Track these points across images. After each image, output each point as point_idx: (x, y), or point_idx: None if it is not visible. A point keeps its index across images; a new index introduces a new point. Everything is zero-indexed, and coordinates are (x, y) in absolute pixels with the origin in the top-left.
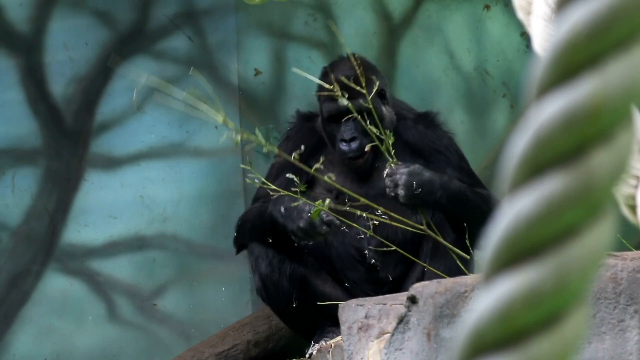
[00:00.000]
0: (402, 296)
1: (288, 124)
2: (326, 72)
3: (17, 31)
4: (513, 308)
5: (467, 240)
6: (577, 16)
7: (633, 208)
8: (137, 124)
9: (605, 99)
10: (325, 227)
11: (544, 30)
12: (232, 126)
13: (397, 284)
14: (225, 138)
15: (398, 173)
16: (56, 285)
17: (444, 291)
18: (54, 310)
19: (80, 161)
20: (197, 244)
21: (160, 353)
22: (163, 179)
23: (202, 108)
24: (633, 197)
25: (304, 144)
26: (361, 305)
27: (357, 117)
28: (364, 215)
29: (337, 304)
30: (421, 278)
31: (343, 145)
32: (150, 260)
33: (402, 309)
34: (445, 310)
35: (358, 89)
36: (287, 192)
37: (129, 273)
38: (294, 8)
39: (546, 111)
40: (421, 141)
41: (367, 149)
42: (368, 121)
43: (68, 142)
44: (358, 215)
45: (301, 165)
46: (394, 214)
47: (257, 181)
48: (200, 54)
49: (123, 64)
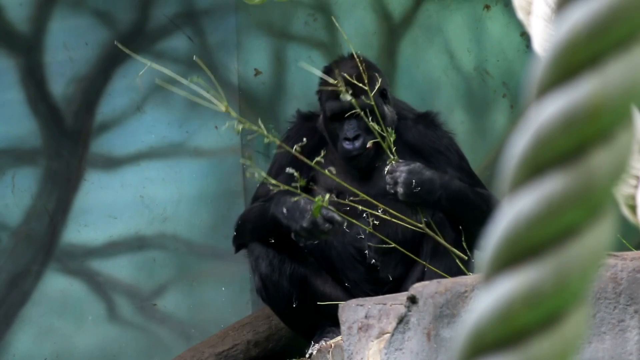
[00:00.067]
0: (402, 296)
1: (288, 124)
2: (329, 70)
3: (17, 31)
4: (513, 308)
5: (467, 240)
6: (577, 16)
7: (633, 208)
8: (137, 124)
9: (605, 99)
10: (327, 225)
11: (544, 30)
12: (235, 115)
13: (397, 284)
14: (227, 126)
15: (398, 170)
16: (56, 285)
17: (444, 291)
18: (54, 310)
19: (80, 161)
20: (197, 244)
21: (160, 353)
22: (163, 179)
23: (205, 96)
24: (633, 197)
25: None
26: (361, 305)
27: (361, 114)
28: (365, 214)
29: (337, 304)
30: (421, 278)
31: (346, 143)
32: (150, 260)
33: (402, 309)
34: (445, 310)
35: (361, 86)
36: (288, 187)
37: (129, 273)
38: (294, 8)
39: (546, 111)
40: (421, 141)
41: (369, 145)
42: (370, 118)
43: (68, 142)
44: (359, 213)
45: (302, 157)
46: (395, 213)
47: (257, 175)
48: (200, 54)
49: (123, 64)
